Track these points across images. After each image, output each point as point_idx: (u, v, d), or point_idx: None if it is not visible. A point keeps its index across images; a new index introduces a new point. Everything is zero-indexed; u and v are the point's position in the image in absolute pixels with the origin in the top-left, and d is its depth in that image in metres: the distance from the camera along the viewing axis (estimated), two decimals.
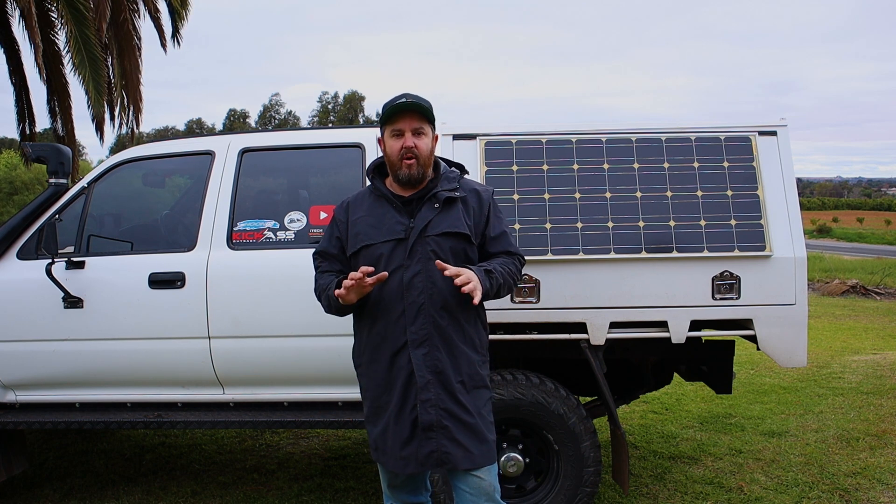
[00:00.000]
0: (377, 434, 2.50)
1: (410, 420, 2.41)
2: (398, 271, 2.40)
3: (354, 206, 2.56)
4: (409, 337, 2.39)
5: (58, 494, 4.02)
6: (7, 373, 3.54)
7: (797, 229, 3.24)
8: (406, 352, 2.40)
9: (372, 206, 2.52)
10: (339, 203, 2.62)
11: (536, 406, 3.25)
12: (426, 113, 2.43)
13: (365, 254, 2.46)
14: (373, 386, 2.51)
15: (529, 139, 3.37)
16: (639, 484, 4.04)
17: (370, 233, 2.47)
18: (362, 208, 2.53)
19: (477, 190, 2.55)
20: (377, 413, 2.51)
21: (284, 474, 4.30)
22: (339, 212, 2.58)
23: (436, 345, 2.40)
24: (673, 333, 3.23)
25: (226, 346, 3.39)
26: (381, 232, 2.45)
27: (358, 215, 2.52)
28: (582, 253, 3.20)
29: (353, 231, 2.50)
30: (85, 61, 9.44)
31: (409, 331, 2.39)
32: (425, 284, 2.39)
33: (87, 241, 3.53)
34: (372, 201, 2.53)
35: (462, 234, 2.44)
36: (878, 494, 3.85)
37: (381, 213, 2.48)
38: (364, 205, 2.54)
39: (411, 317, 2.39)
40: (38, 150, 3.67)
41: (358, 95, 71.31)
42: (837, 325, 9.63)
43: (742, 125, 3.38)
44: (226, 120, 71.68)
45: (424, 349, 2.39)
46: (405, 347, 2.40)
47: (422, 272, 2.39)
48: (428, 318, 2.39)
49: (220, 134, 3.86)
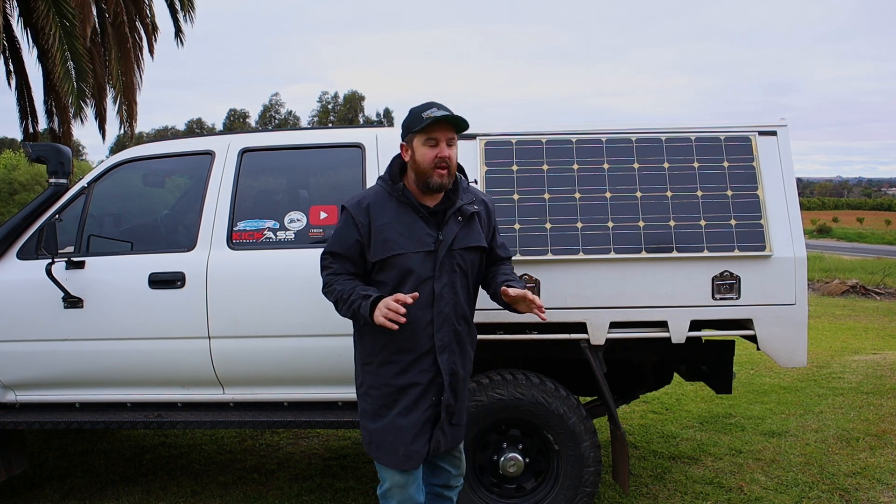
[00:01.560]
0: (378, 429, 2.57)
1: (423, 419, 2.54)
2: (428, 282, 2.51)
3: (377, 209, 2.53)
4: (436, 343, 2.54)
5: (58, 494, 4.02)
6: (7, 373, 3.54)
7: (797, 229, 3.24)
8: (430, 356, 2.54)
9: (397, 212, 2.53)
10: (351, 202, 2.56)
11: (536, 406, 3.25)
12: (460, 125, 2.52)
13: (394, 262, 2.50)
14: (381, 384, 2.55)
15: (529, 139, 3.36)
16: (639, 484, 4.04)
17: (401, 242, 2.50)
18: (387, 213, 2.52)
19: (484, 201, 2.70)
20: (379, 411, 2.56)
21: (284, 474, 4.30)
22: (359, 213, 2.53)
23: (454, 350, 2.58)
24: (673, 333, 3.23)
25: (226, 346, 3.39)
26: (411, 242, 2.50)
27: (384, 221, 2.51)
28: (582, 253, 3.20)
29: (381, 237, 2.50)
30: (70, 69, 9.47)
31: (437, 338, 2.54)
32: (450, 296, 2.55)
33: (87, 241, 3.53)
34: (396, 206, 2.54)
35: (482, 247, 2.63)
36: (878, 494, 3.85)
37: (408, 221, 2.52)
38: (388, 210, 2.53)
39: (439, 325, 2.54)
40: (38, 150, 3.67)
41: (358, 95, 71.39)
42: (837, 325, 9.63)
43: (742, 125, 3.38)
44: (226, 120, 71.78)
45: (447, 354, 2.56)
46: (430, 352, 2.54)
47: (448, 284, 2.54)
48: (451, 327, 2.56)
49: (220, 134, 3.86)
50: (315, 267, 2.69)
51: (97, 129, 12.22)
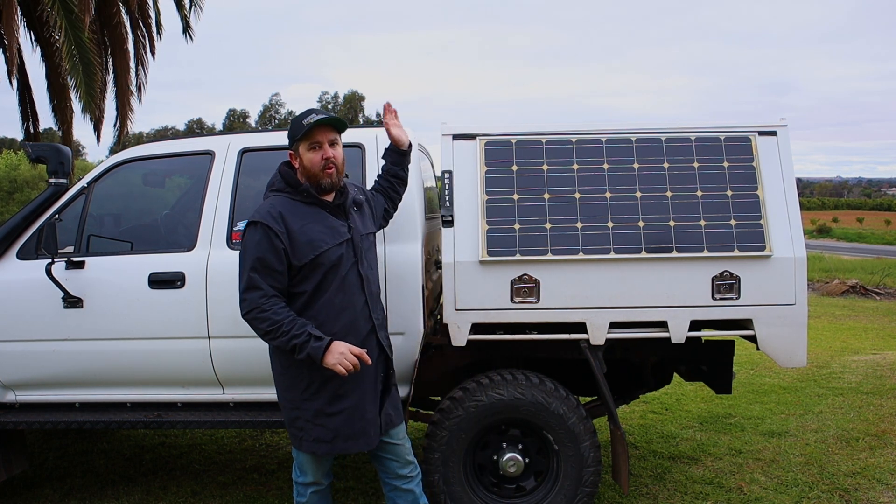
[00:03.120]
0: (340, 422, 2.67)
1: (378, 395, 2.78)
2: (354, 267, 2.73)
3: (290, 215, 2.65)
4: (374, 322, 2.78)
5: (58, 494, 4.02)
6: (7, 373, 3.54)
7: (797, 229, 3.24)
8: (373, 335, 2.77)
9: (308, 213, 2.68)
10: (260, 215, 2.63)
11: (536, 406, 3.25)
12: (339, 125, 2.73)
13: (321, 259, 2.63)
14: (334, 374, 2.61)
15: (529, 139, 3.36)
16: (639, 484, 4.04)
17: (325, 238, 2.65)
18: (299, 217, 2.65)
19: (364, 190, 3.02)
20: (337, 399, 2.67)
21: (284, 474, 4.29)
22: (274, 223, 2.61)
23: (384, 325, 2.89)
24: (673, 333, 3.23)
25: (226, 346, 3.39)
26: (332, 236, 2.67)
27: (300, 224, 2.63)
28: (582, 253, 3.20)
29: (304, 239, 2.62)
30: (78, 66, 9.48)
31: (374, 317, 2.78)
32: (374, 276, 2.85)
33: (87, 241, 3.53)
34: (305, 209, 2.68)
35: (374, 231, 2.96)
36: (878, 494, 3.85)
37: (321, 218, 2.69)
38: (299, 213, 2.66)
39: (373, 305, 2.80)
40: (38, 150, 3.67)
41: (358, 95, 71.23)
42: (837, 325, 9.63)
43: (742, 125, 3.38)
44: (226, 120, 71.66)
45: (384, 331, 2.87)
46: (371, 332, 2.77)
47: (368, 266, 2.81)
48: (380, 304, 2.88)
49: (220, 134, 3.85)
50: None
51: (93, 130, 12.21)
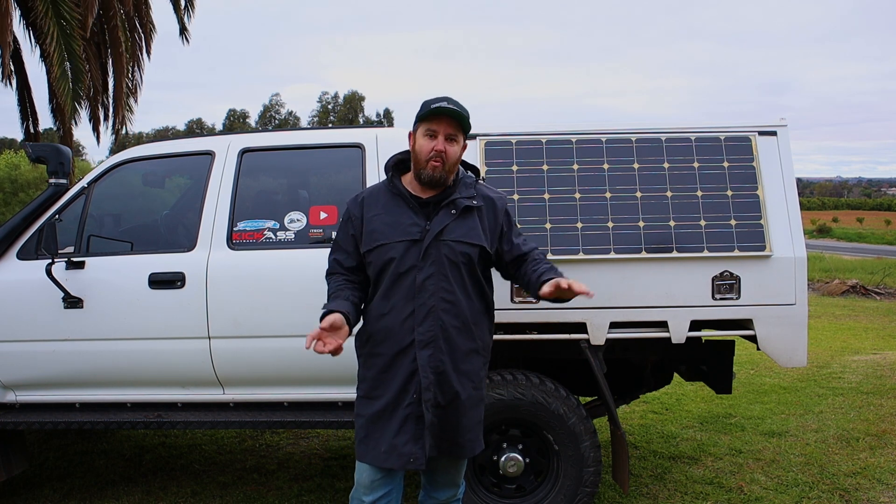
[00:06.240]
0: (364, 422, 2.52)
1: (403, 416, 2.43)
2: (411, 272, 2.43)
3: (370, 202, 2.54)
4: (416, 337, 2.42)
5: (58, 494, 4.02)
6: (7, 373, 3.53)
7: (797, 229, 3.24)
8: (411, 351, 2.42)
9: (388, 204, 2.52)
10: (353, 197, 2.60)
11: (536, 406, 3.25)
12: (462, 121, 2.46)
13: (378, 252, 2.47)
14: (369, 377, 2.52)
15: (529, 139, 3.37)
16: (639, 484, 4.03)
17: (386, 232, 2.48)
18: (378, 205, 2.53)
19: (491, 198, 2.58)
20: (368, 403, 2.53)
21: (284, 474, 4.29)
22: (354, 207, 2.56)
23: (440, 347, 2.43)
24: (673, 333, 3.23)
25: (226, 346, 3.39)
26: (396, 232, 2.47)
27: (374, 212, 2.52)
28: (582, 253, 3.20)
29: (369, 228, 2.50)
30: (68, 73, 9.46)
31: (417, 331, 2.42)
32: (437, 287, 2.42)
33: (87, 242, 3.53)
34: (388, 199, 2.53)
35: (476, 244, 2.49)
36: (878, 494, 3.85)
37: (397, 212, 2.50)
38: (380, 202, 2.54)
39: (420, 318, 2.42)
40: (38, 151, 3.67)
41: (358, 95, 71.34)
42: (837, 325, 9.63)
43: (742, 125, 3.38)
44: (226, 120, 71.73)
45: (430, 350, 2.42)
46: (411, 347, 2.42)
47: (435, 275, 2.43)
48: (436, 321, 2.43)
49: (220, 134, 3.86)
50: (314, 267, 2.70)
51: (91, 130, 12.21)
